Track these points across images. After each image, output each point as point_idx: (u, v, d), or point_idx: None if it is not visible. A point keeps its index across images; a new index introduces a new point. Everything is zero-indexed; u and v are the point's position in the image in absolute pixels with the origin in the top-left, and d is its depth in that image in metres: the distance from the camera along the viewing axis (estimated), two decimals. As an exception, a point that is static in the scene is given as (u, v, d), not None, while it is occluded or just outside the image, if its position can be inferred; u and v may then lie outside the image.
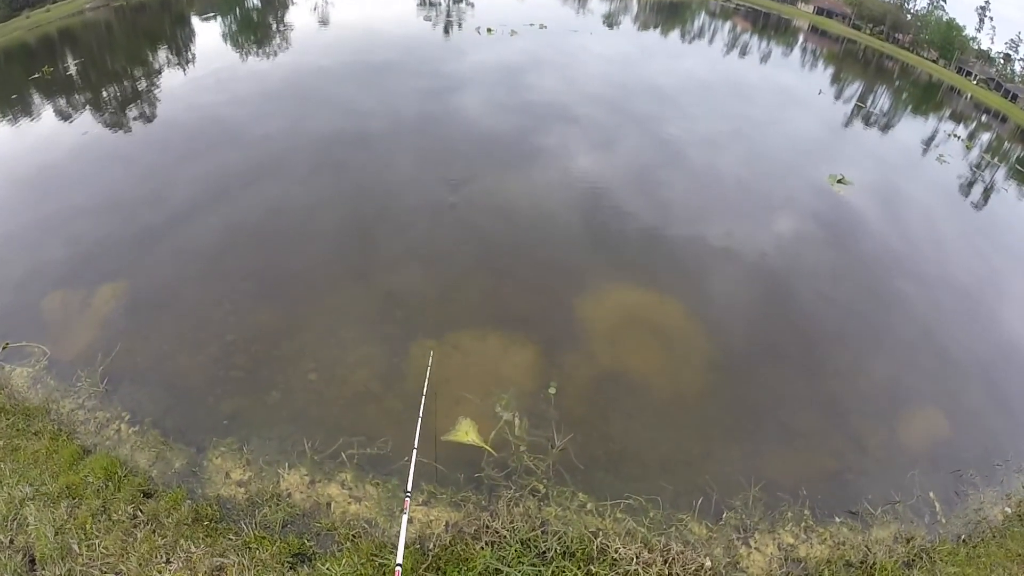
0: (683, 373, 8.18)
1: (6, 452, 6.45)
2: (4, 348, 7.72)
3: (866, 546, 6.23)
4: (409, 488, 5.07)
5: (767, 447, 7.37)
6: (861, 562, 6.07)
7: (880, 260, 11.24)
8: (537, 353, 8.12)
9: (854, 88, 26.10)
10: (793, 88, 22.33)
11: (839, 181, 13.81)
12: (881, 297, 10.26)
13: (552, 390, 7.60)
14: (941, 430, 8.07)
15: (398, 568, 4.08)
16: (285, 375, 7.59)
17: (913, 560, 6.17)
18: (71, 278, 8.80)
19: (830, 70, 31.42)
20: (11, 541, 5.66)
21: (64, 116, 14.24)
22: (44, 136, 13.23)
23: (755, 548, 6.18)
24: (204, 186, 10.97)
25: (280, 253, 9.55)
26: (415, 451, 5.40)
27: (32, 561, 5.54)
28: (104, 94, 15.95)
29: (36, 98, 15.36)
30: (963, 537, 6.59)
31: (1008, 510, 7.07)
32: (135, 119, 14.02)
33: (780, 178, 13.77)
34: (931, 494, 7.04)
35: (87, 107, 14.77)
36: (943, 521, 6.79)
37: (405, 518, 4.47)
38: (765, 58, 31.30)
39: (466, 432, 7.02)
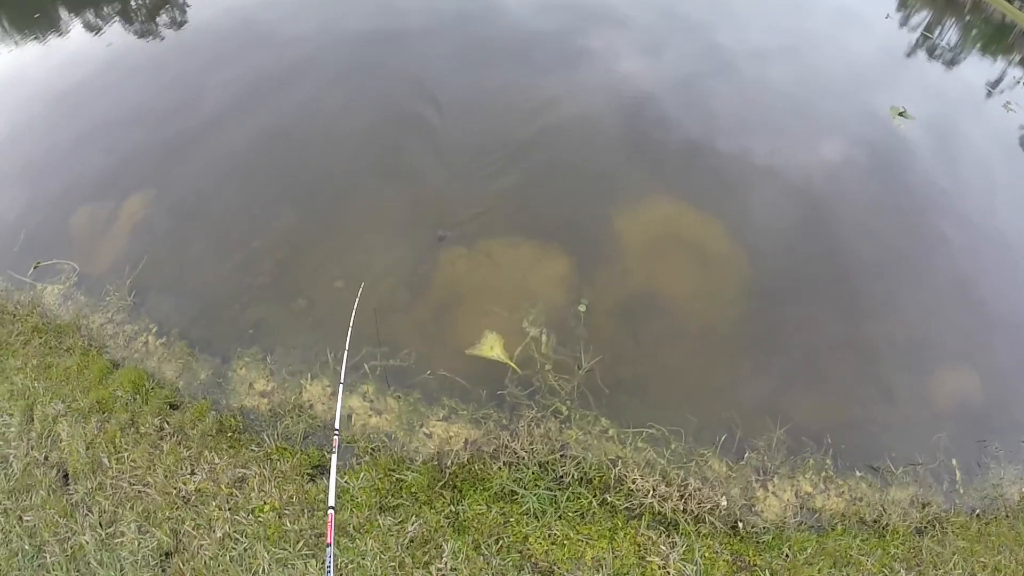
0: (717, 298, 7.70)
1: (39, 371, 6.61)
2: (35, 267, 7.82)
3: (882, 505, 5.88)
4: (337, 425, 4.62)
5: (797, 387, 6.97)
6: (875, 521, 5.75)
7: (933, 202, 10.20)
8: (570, 266, 7.74)
9: (921, 17, 24.13)
10: (856, 8, 20.67)
11: (900, 114, 12.89)
12: (926, 241, 9.41)
13: (582, 307, 7.26)
14: (973, 393, 7.36)
15: (331, 511, 3.72)
16: (311, 282, 7.47)
17: (925, 527, 5.81)
18: (100, 192, 8.75)
19: (898, -7, 29.24)
20: (46, 458, 5.85)
21: (92, 29, 13.88)
22: (72, 51, 13.02)
23: (772, 492, 5.92)
24: (233, 91, 10.65)
25: (309, 157, 9.27)
26: (341, 385, 5.10)
27: (65, 476, 5.74)
28: (132, 3, 15.32)
29: (61, 13, 14.93)
30: (977, 511, 6.14)
31: (1025, 491, 6.66)
32: (164, 26, 13.63)
33: (834, 101, 12.75)
34: (953, 461, 6.52)
35: (116, 18, 14.23)
36: (961, 491, 6.31)
37: (335, 458, 4.11)
38: (829, -27, 29.18)
39: (491, 347, 6.80)
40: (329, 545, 3.56)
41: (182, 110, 10.34)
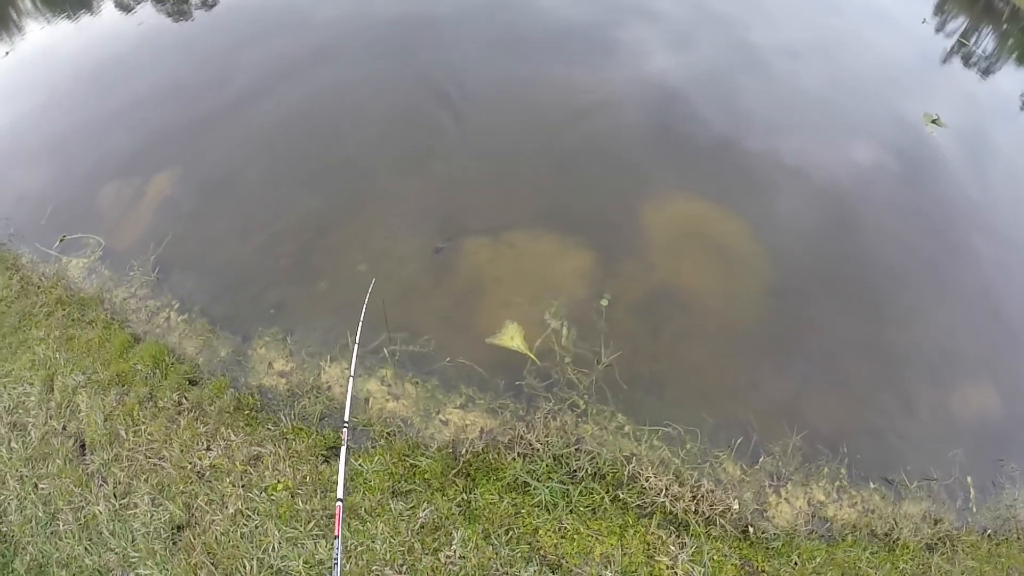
0: (739, 297, 7.57)
1: (61, 342, 6.70)
2: (61, 240, 7.94)
3: (894, 519, 5.74)
4: (347, 417, 4.54)
5: (815, 392, 6.83)
6: (885, 535, 5.62)
7: (962, 212, 9.88)
8: (593, 260, 7.67)
9: (958, 23, 23.54)
10: (892, 11, 20.20)
11: (933, 121, 12.62)
12: (953, 251, 9.06)
13: (605, 302, 7.18)
14: (993, 410, 7.14)
15: (339, 504, 3.75)
16: (333, 265, 7.48)
17: (936, 544, 5.67)
18: (127, 169, 8.85)
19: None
20: (64, 428, 5.94)
21: (123, 8, 14.00)
22: (102, 30, 13.27)
23: (785, 499, 5.81)
24: (261, 73, 10.69)
25: (334, 142, 9.27)
26: (351, 379, 4.99)
27: (83, 446, 5.82)
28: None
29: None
30: (989, 531, 5.98)
31: (1038, 513, 6.49)
32: (195, 6, 13.68)
33: (867, 104, 12.52)
34: (968, 479, 6.34)
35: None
36: (974, 510, 6.14)
37: (344, 450, 4.08)
38: (867, -24, 28.66)
39: (511, 337, 6.75)
40: (337, 537, 3.57)
41: (210, 90, 10.41)
